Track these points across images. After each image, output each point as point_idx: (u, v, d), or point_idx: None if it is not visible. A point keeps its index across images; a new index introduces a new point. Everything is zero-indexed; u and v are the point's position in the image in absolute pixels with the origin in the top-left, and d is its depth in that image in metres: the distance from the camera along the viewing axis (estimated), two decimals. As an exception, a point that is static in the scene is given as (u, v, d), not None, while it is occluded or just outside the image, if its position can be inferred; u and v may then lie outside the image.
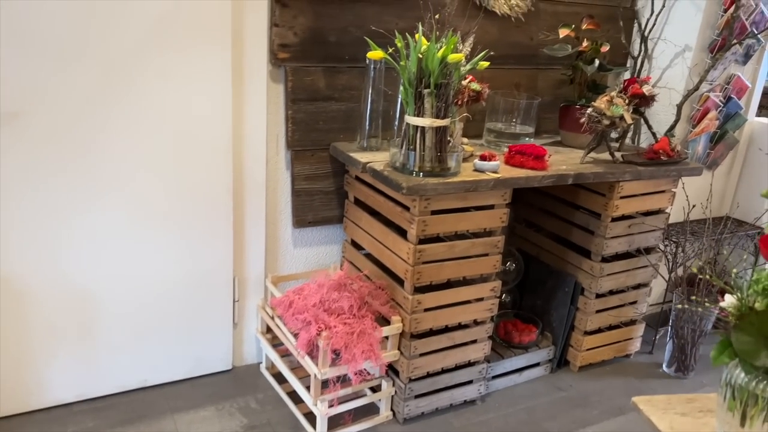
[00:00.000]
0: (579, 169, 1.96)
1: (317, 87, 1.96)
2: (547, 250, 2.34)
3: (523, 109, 2.14)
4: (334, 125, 2.02)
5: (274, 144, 2.00)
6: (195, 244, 1.94)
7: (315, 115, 1.98)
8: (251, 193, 1.99)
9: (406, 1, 1.99)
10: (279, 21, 1.84)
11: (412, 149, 1.74)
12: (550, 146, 2.25)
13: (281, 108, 1.97)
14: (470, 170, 1.83)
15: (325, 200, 2.10)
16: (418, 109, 1.70)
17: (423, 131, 1.72)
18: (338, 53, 1.96)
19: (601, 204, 2.10)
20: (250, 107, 1.91)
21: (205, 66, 1.79)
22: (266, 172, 2.00)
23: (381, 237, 1.92)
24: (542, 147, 1.94)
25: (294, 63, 1.91)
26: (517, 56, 2.28)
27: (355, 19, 1.95)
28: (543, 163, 1.91)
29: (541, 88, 2.37)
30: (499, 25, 2.19)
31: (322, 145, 2.03)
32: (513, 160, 1.92)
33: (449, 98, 1.72)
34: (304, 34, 1.89)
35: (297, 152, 2.01)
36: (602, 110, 1.96)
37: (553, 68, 2.36)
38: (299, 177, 2.03)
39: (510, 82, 2.30)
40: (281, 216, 2.09)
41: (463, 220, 1.81)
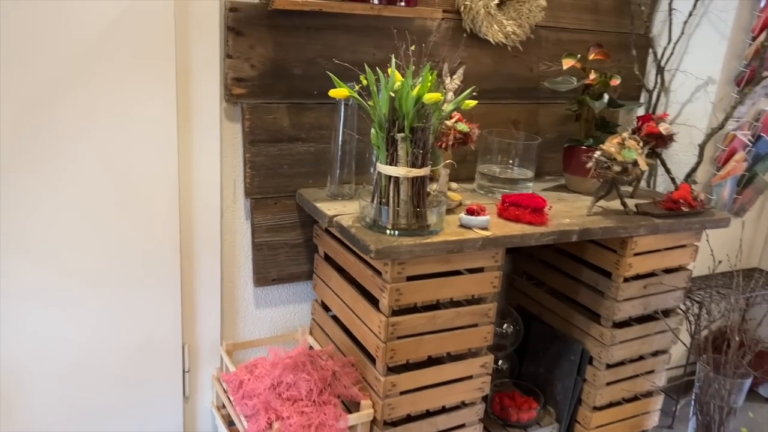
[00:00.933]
0: (585, 223, 1.67)
1: (280, 126, 1.70)
2: (550, 309, 2.04)
3: (521, 150, 1.86)
4: (300, 169, 1.75)
5: (231, 191, 1.73)
6: (136, 308, 1.67)
7: (278, 158, 1.72)
8: (203, 248, 1.72)
9: (384, 29, 1.73)
10: (233, 52, 1.58)
11: (384, 203, 1.46)
12: (552, 191, 1.97)
13: (238, 150, 1.70)
14: (456, 225, 1.55)
15: (292, 254, 1.82)
16: (391, 157, 1.43)
17: (397, 182, 1.44)
18: (305, 88, 1.70)
19: (611, 261, 1.81)
20: (200, 150, 1.64)
21: (145, 102, 1.53)
22: (221, 223, 1.73)
23: (351, 302, 1.63)
24: (541, 197, 1.66)
25: (252, 99, 1.64)
26: (515, 90, 2.00)
27: (324, 49, 1.68)
28: (542, 217, 1.62)
29: (542, 124, 2.09)
30: (494, 54, 1.92)
31: (287, 191, 1.76)
32: (507, 212, 1.64)
33: (428, 144, 1.44)
34: (263, 67, 1.63)
35: (257, 200, 1.73)
36: (612, 154, 1.68)
37: (556, 102, 2.08)
38: (260, 228, 1.76)
39: (506, 118, 2.02)
40: (240, 273, 1.81)
41: (446, 287, 1.53)
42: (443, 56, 1.83)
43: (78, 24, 1.42)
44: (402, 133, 1.40)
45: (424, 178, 1.46)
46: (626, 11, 2.08)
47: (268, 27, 1.60)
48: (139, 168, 1.57)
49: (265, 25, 1.60)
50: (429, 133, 1.42)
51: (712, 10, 1.99)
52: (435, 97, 1.34)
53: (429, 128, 1.41)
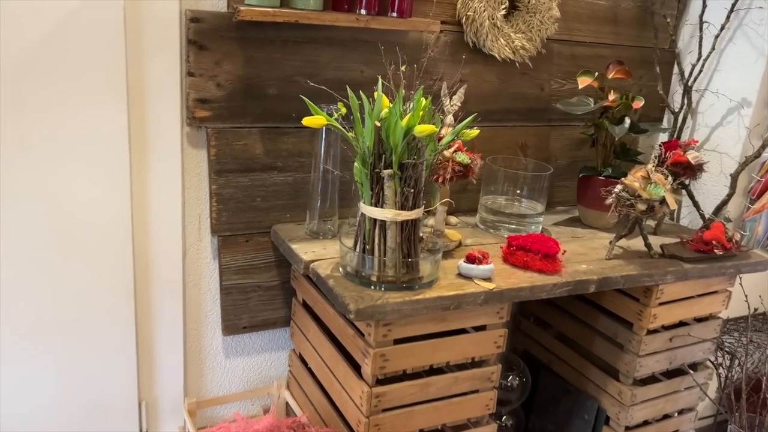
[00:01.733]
0: (604, 270, 1.43)
1: (252, 154, 1.47)
2: (561, 358, 1.80)
3: (531, 180, 1.63)
4: (276, 202, 1.52)
5: (195, 228, 1.50)
6: (86, 362, 1.44)
7: (250, 190, 1.49)
8: (162, 292, 1.49)
9: (374, 42, 1.50)
10: (195, 68, 1.35)
11: (368, 250, 1.23)
12: (564, 226, 1.73)
13: (203, 181, 1.47)
14: (454, 274, 1.32)
15: (266, 298, 1.59)
16: (376, 197, 1.20)
17: (384, 226, 1.21)
18: (281, 110, 1.47)
19: (633, 311, 1.57)
20: (158, 182, 1.41)
21: (90, 128, 1.31)
22: (183, 264, 1.50)
23: (330, 362, 1.40)
24: (553, 240, 1.43)
25: (218, 123, 1.41)
26: (523, 111, 1.77)
27: (303, 65, 1.46)
28: (555, 264, 1.39)
29: (553, 149, 1.86)
30: (500, 71, 1.69)
31: (261, 227, 1.53)
32: (514, 258, 1.41)
33: (420, 182, 1.21)
34: (231, 86, 1.40)
35: (226, 238, 1.50)
36: (636, 191, 1.44)
37: (569, 125, 1.85)
38: (229, 270, 1.53)
39: (514, 143, 1.79)
40: (206, 320, 1.59)
41: (442, 349, 1.29)
42: (441, 74, 1.60)
43: (5, 36, 1.19)
44: (389, 169, 1.17)
45: (416, 221, 1.23)
46: (649, 23, 1.85)
47: (237, 40, 1.38)
48: (85, 204, 1.34)
49: (233, 37, 1.37)
50: (422, 169, 1.19)
51: (748, 23, 1.76)
52: (428, 129, 1.11)
53: (422, 164, 1.18)
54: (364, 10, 1.38)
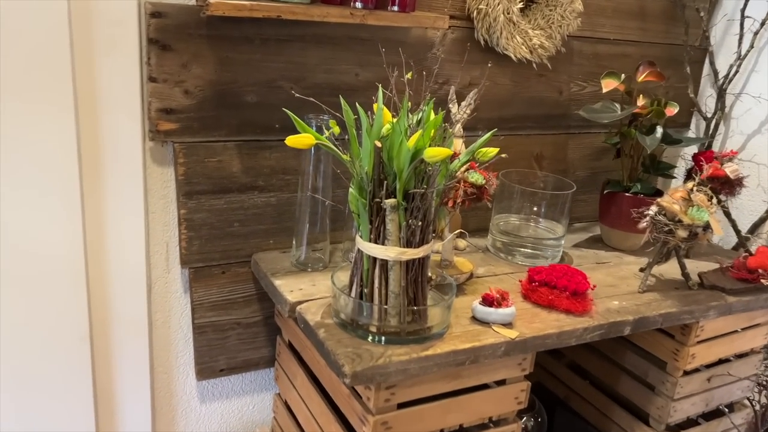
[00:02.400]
0: (639, 307, 1.23)
1: (229, 172, 1.25)
2: (580, 395, 1.61)
3: (550, 198, 1.42)
4: (258, 227, 1.31)
5: (162, 258, 1.28)
6: (37, 412, 1.23)
7: (226, 214, 1.27)
8: (124, 334, 1.28)
9: (371, 41, 1.29)
10: (157, 73, 1.13)
11: (366, 295, 1.02)
12: (586, 249, 1.53)
13: (171, 205, 1.26)
14: (467, 317, 1.11)
15: (247, 336, 1.38)
16: (376, 231, 0.99)
17: (385, 267, 1.00)
18: (262, 120, 1.25)
19: (668, 350, 1.37)
20: (115, 206, 1.19)
21: (30, 142, 1.08)
22: (149, 301, 1.29)
23: (321, 421, 1.19)
24: (581, 273, 1.22)
25: (187, 137, 1.19)
26: (540, 117, 1.56)
27: (288, 68, 1.24)
28: (585, 304, 1.18)
29: (572, 160, 1.65)
30: (515, 73, 1.47)
31: (240, 256, 1.31)
32: (536, 295, 1.20)
33: (429, 214, 1.00)
34: (202, 93, 1.18)
35: (198, 270, 1.29)
36: (676, 214, 1.24)
37: (589, 132, 1.64)
38: (202, 306, 1.31)
39: (528, 153, 1.58)
40: (178, 362, 1.37)
41: (454, 411, 1.09)
42: (448, 77, 1.39)
43: None
44: (392, 199, 0.96)
45: (424, 260, 1.02)
46: (679, 17, 1.64)
47: (208, 39, 1.15)
48: (28, 234, 1.12)
49: (203, 36, 1.15)
50: (432, 199, 0.98)
51: (793, 19, 1.56)
52: (442, 153, 0.89)
53: (432, 194, 0.97)
54: (359, 3, 1.16)
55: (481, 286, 1.26)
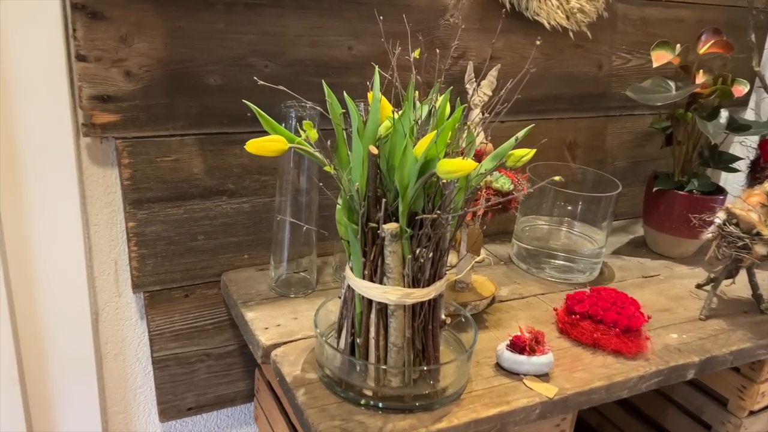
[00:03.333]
0: (703, 341, 0.98)
1: (188, 173, 0.99)
2: (618, 426, 1.37)
3: (588, 201, 1.16)
4: (228, 239, 1.06)
5: (110, 279, 1.04)
6: (-50, 477, 1.00)
7: (187, 225, 1.02)
8: (65, 372, 1.04)
9: (365, 5, 1.01)
10: (87, 49, 0.87)
11: (360, 349, 0.77)
12: (628, 257, 1.28)
13: (118, 215, 1.00)
14: (489, 364, 0.87)
15: (219, 368, 1.14)
16: (372, 266, 0.74)
17: (384, 312, 0.75)
18: (229, 108, 0.99)
19: (731, 386, 1.13)
20: (44, 218, 0.94)
21: None
22: (95, 331, 1.05)
23: (306, 487, 0.96)
24: (634, 302, 0.97)
25: (132, 131, 0.93)
26: (575, 98, 1.29)
27: (261, 40, 0.97)
28: (639, 343, 0.93)
29: (610, 147, 1.38)
30: (547, 44, 1.20)
31: (207, 276, 1.07)
32: (577, 331, 0.95)
33: (444, 242, 0.74)
34: (149, 75, 0.91)
35: (154, 294, 1.04)
36: (753, 225, 0.98)
37: (632, 114, 1.37)
38: (162, 337, 1.07)
39: (560, 140, 1.31)
40: (137, 399, 1.14)
41: (473, 488, 0.85)
42: (465, 49, 1.12)
43: None
44: (393, 224, 0.70)
45: (437, 301, 0.77)
46: (744, -27, 1.35)
47: (155, 3, 0.88)
48: (-74, 257, 0.88)
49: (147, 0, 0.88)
50: (447, 226, 0.72)
51: None
52: (463, 168, 0.62)
53: (448, 221, 0.71)
54: (351, -46, 0.89)
55: (505, 314, 1.01)
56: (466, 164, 0.61)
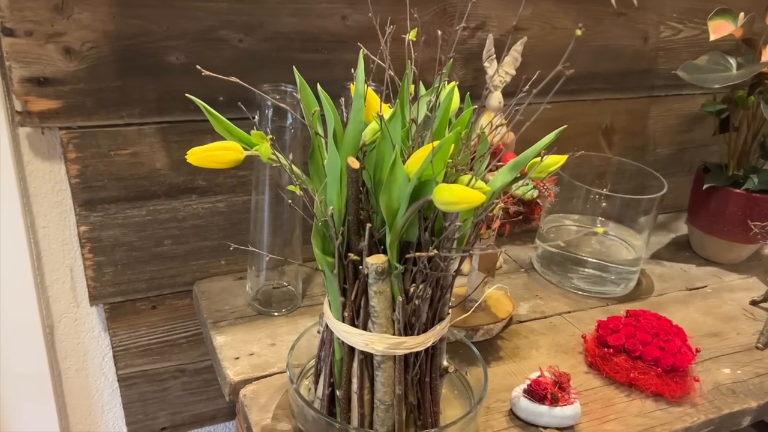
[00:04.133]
0: (763, 381, 0.82)
1: (150, 168, 0.84)
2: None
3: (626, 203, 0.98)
4: (201, 243, 0.91)
5: (66, 288, 0.90)
6: None
7: (151, 229, 0.87)
8: (17, 392, 0.91)
9: (363, -37, 0.83)
10: (15, 21, 0.71)
11: (341, 403, 0.62)
12: (668, 260, 1.11)
13: (69, 217, 0.86)
14: (502, 413, 0.72)
15: (196, 385, 1.01)
16: (353, 307, 0.58)
17: (368, 362, 0.60)
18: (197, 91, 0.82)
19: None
20: (-22, 224, 0.80)
21: None
22: (49, 347, 0.91)
23: None
24: (681, 333, 0.81)
25: (78, 120, 0.78)
26: (614, 75, 1.10)
27: (234, 9, 0.80)
28: (685, 386, 0.77)
29: (652, 132, 1.20)
30: (583, 13, 1.01)
31: (177, 285, 0.92)
32: (609, 367, 0.79)
33: (448, 280, 0.58)
34: (95, 52, 0.75)
35: (116, 306, 0.90)
36: (831, 241, 0.80)
37: (680, 95, 1.18)
38: (128, 353, 0.94)
39: (594, 125, 1.13)
40: (105, 416, 1.01)
41: None
42: (484, 19, 0.93)
43: None
44: (379, 256, 0.54)
45: (436, 350, 0.61)
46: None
47: (96, -37, 0.72)
48: None
49: (85, -42, 0.71)
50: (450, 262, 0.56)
51: None
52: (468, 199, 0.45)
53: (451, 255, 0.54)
54: None
55: (524, 340, 0.85)
56: (471, 195, 0.44)
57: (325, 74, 0.87)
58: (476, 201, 0.44)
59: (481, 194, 0.44)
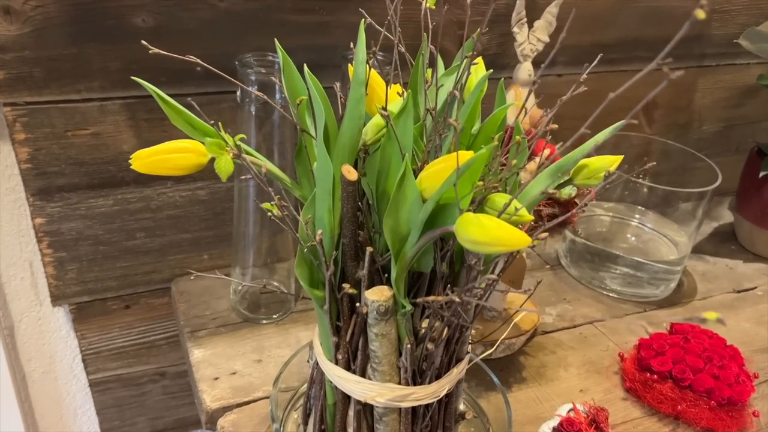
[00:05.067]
0: (831, 410, 0.70)
1: (116, 152, 0.71)
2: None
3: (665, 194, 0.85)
4: (179, 235, 0.79)
5: (27, 285, 0.79)
6: None
7: (120, 220, 0.75)
8: (-27, 401, 0.81)
9: None
10: (-65, -28, 0.57)
11: (332, 451, 0.51)
12: (711, 255, 0.98)
13: (22, 206, 0.74)
14: None
15: (178, 389, 0.91)
16: (349, 350, 0.46)
17: (367, 413, 0.48)
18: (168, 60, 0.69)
19: None
20: None
21: None
22: (11, 348, 0.81)
23: None
24: (737, 357, 0.69)
25: (26, 95, 0.65)
26: (659, 42, 0.95)
27: (211, -42, 0.66)
28: (741, 420, 0.65)
29: (699, 108, 1.05)
30: (629, -33, 0.86)
31: (153, 282, 0.81)
32: (652, 395, 0.67)
33: (470, 315, 0.46)
34: (42, 14, 0.62)
35: (83, 307, 0.79)
36: None
37: (733, 64, 1.03)
38: (99, 356, 0.83)
39: (634, 99, 0.99)
40: (78, 420, 0.91)
41: None
42: (514, -25, 0.79)
43: None
44: (383, 289, 0.42)
45: (451, 397, 0.50)
46: None
47: None
48: None
49: None
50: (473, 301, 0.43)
51: None
52: (506, 241, 0.33)
53: (473, 300, 0.42)
54: None
55: (550, 356, 0.74)
56: (511, 236, 0.32)
57: (323, 40, 0.73)
58: (518, 244, 0.32)
59: (524, 235, 0.32)
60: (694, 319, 0.81)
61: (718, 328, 0.78)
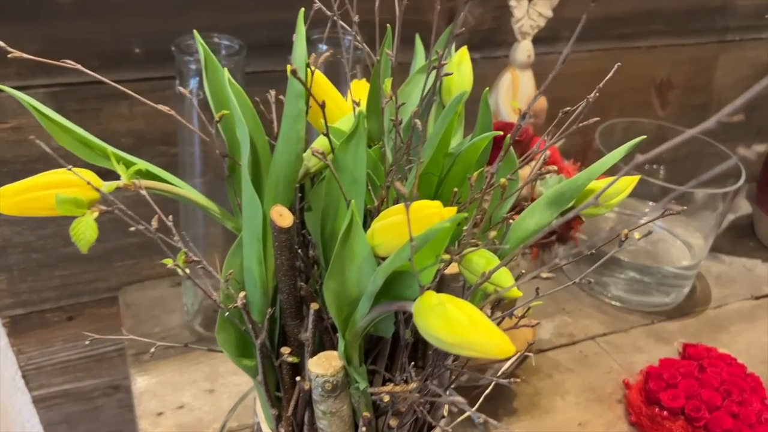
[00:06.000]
0: None
1: (42, 148, 0.61)
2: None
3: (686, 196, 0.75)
4: (125, 239, 0.69)
5: (-52, 298, 0.69)
6: None
7: (52, 225, 0.65)
8: None
9: None
10: None
11: None
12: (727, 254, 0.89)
13: (-64, 210, 0.64)
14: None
15: (138, 401, 0.82)
16: (296, 421, 0.37)
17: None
18: (100, 40, 0.58)
19: None
20: None
21: None
22: (-64, 369, 0.72)
23: None
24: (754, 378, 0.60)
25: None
26: (676, 15, 0.84)
27: None
28: (764, 465, 0.57)
29: (718, 87, 0.94)
30: (646, -72, 0.74)
31: (99, 291, 0.71)
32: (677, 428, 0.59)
33: (444, 378, 0.37)
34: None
35: (18, 320, 0.70)
36: None
37: (761, 38, 0.92)
38: (41, 371, 0.74)
39: (647, 78, 0.88)
40: (24, 438, 0.83)
41: None
42: (513, -63, 0.67)
43: None
44: (331, 356, 0.33)
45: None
46: None
47: None
48: None
49: None
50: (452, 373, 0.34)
51: None
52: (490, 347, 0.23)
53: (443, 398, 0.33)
54: None
55: (546, 382, 0.65)
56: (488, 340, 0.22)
57: (287, 14, 0.62)
58: (495, 352, 0.22)
59: (505, 340, 0.22)
60: (706, 337, 0.72)
61: (728, 333, 0.70)
